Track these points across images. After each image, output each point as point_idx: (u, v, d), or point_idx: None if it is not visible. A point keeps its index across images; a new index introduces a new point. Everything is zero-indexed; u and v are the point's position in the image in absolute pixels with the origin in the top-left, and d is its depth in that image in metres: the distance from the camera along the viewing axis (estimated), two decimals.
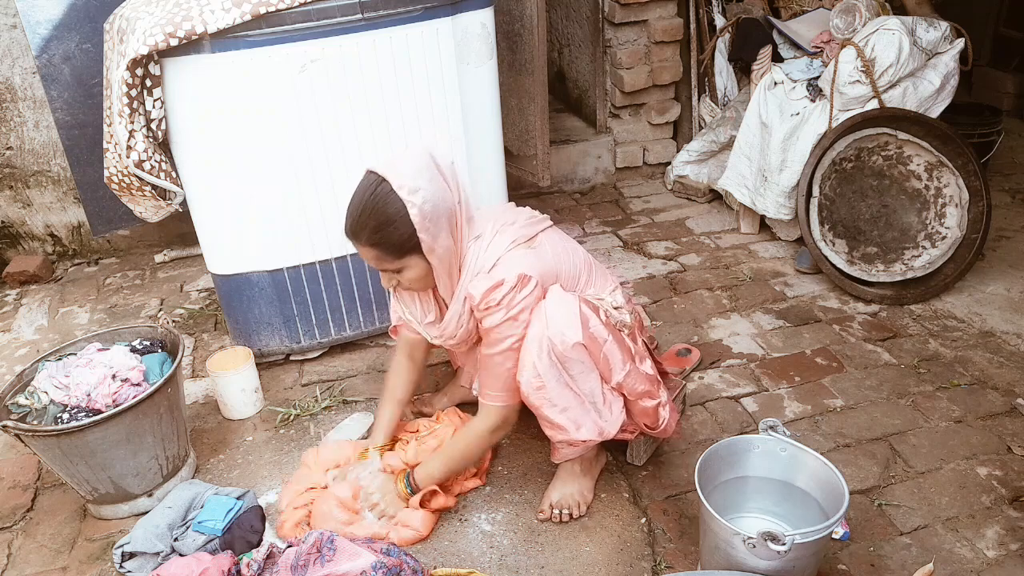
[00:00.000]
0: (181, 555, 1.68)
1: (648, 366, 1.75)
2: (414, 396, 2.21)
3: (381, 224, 1.55)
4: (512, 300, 1.60)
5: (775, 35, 3.10)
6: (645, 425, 1.78)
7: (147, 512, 1.83)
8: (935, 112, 2.71)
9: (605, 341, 1.64)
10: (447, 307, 1.76)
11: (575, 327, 1.59)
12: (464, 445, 1.79)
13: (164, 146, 2.11)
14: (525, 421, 2.12)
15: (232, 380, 2.19)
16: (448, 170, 1.61)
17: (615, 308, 1.75)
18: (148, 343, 2.03)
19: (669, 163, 3.59)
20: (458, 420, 2.03)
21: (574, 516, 1.80)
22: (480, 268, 1.64)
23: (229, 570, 1.57)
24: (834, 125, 2.71)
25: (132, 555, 1.70)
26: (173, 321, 2.77)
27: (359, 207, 1.58)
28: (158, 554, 1.69)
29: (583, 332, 1.59)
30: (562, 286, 1.69)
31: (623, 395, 1.72)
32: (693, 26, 3.44)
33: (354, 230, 1.60)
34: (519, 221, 1.72)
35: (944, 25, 2.72)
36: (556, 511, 1.79)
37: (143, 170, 2.05)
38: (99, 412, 1.78)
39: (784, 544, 1.36)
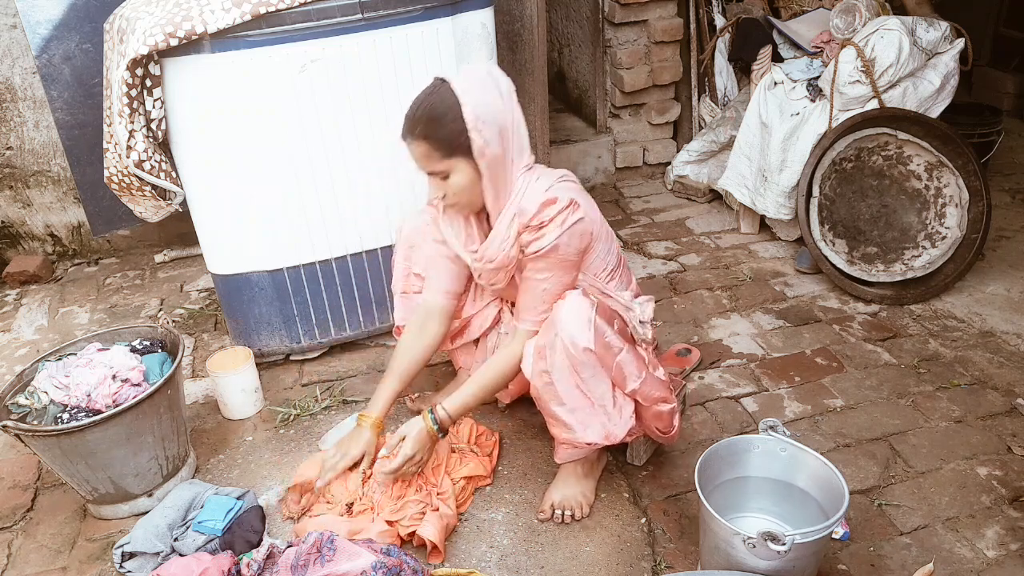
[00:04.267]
0: (181, 555, 1.68)
1: (661, 372, 1.76)
2: (414, 393, 2.22)
3: (434, 117, 1.59)
4: (565, 219, 1.62)
5: (775, 35, 3.10)
6: (657, 429, 1.77)
7: (147, 512, 1.83)
8: (935, 112, 2.71)
9: (620, 351, 1.64)
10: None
11: (586, 333, 1.59)
12: (497, 369, 1.77)
13: (164, 146, 2.11)
14: (526, 421, 2.12)
15: (232, 380, 2.19)
16: (507, 91, 1.64)
17: (641, 322, 1.75)
18: (148, 343, 2.03)
19: (669, 163, 3.59)
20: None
21: (575, 518, 1.79)
22: (535, 191, 1.65)
23: (229, 570, 1.57)
24: (834, 125, 2.71)
25: (132, 555, 1.70)
26: (173, 321, 2.77)
27: (417, 102, 1.63)
28: (158, 554, 1.69)
29: (596, 341, 1.59)
30: (595, 251, 1.71)
31: (635, 400, 1.72)
32: (693, 26, 3.44)
33: (410, 123, 1.63)
34: (565, 172, 1.75)
35: (944, 25, 2.72)
36: (558, 511, 1.79)
37: (143, 170, 2.05)
38: (99, 412, 1.78)
39: (784, 544, 1.36)
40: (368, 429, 1.88)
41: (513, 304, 2.02)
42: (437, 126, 1.59)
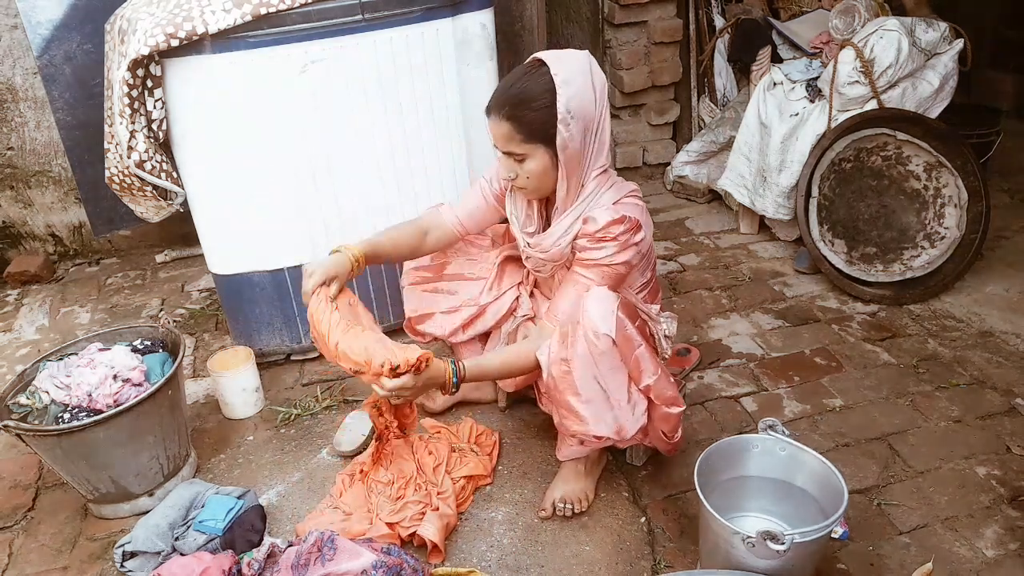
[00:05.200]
0: (182, 554, 1.69)
1: (672, 380, 1.76)
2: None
3: (526, 100, 1.58)
4: (628, 240, 1.64)
5: (774, 36, 3.10)
6: (663, 433, 1.77)
7: (148, 511, 1.84)
8: (934, 112, 2.71)
9: (640, 345, 1.65)
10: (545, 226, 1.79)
11: (610, 322, 1.59)
12: (524, 352, 1.74)
13: (165, 146, 2.11)
14: (526, 421, 2.13)
15: (233, 380, 2.19)
16: (600, 88, 1.63)
17: (665, 336, 1.78)
18: (149, 343, 2.04)
19: (669, 163, 3.59)
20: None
21: (575, 511, 1.80)
22: (604, 201, 1.67)
23: (230, 569, 1.57)
24: (833, 125, 2.71)
25: (133, 554, 1.71)
26: (174, 321, 2.78)
27: (512, 79, 1.62)
28: (159, 553, 1.70)
29: (617, 331, 1.60)
30: (639, 270, 1.75)
31: (649, 398, 1.72)
32: (693, 27, 3.45)
33: (500, 100, 1.62)
34: (634, 186, 1.76)
35: (943, 25, 2.72)
36: (560, 505, 1.80)
37: (144, 170, 2.06)
38: (100, 412, 1.79)
39: (783, 543, 1.36)
40: (343, 252, 1.75)
41: (535, 285, 2.03)
42: (526, 109, 1.58)
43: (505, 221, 1.93)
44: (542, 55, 1.62)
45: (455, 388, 1.72)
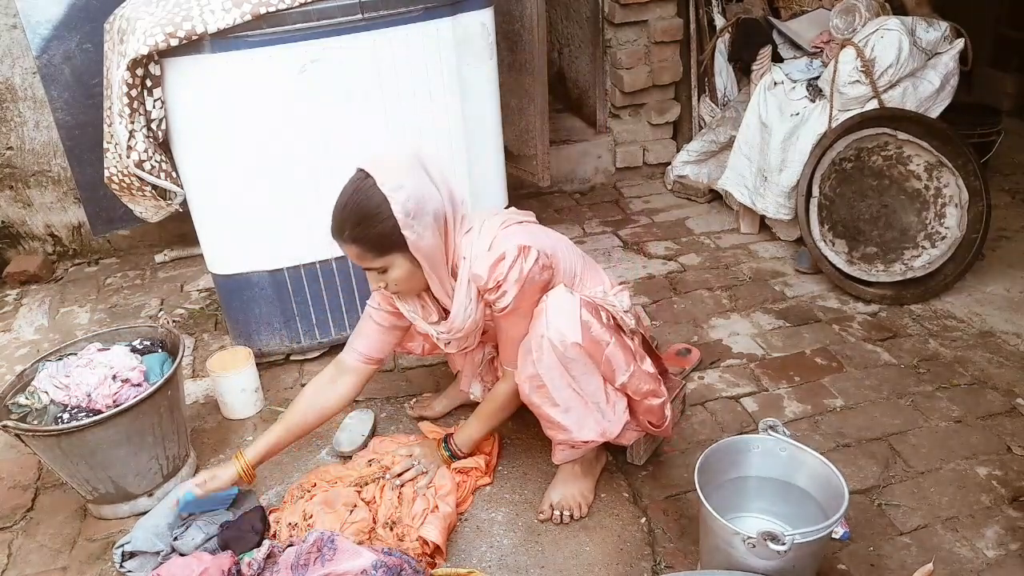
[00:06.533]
0: (181, 554, 1.69)
1: (648, 364, 1.75)
2: (413, 400, 2.22)
3: (363, 219, 1.54)
4: (521, 271, 1.59)
5: (775, 35, 3.10)
6: (650, 423, 1.78)
7: (147, 512, 1.83)
8: (935, 112, 2.71)
9: (608, 344, 1.63)
10: (444, 309, 1.75)
11: (575, 328, 1.58)
12: (496, 406, 1.82)
13: (164, 146, 2.11)
14: (526, 421, 2.12)
15: (232, 380, 2.19)
16: (436, 172, 1.60)
17: (624, 312, 1.74)
18: (148, 343, 2.04)
19: (669, 163, 3.59)
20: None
21: (574, 517, 1.80)
22: (478, 252, 1.63)
23: (229, 570, 1.57)
24: (834, 125, 2.71)
25: (132, 555, 1.70)
26: (173, 321, 2.77)
27: (343, 202, 1.57)
28: (158, 553, 1.69)
29: (584, 336, 1.59)
30: (561, 272, 1.70)
31: (627, 395, 1.72)
32: (693, 26, 3.44)
33: (338, 226, 1.58)
34: (505, 214, 1.74)
35: (944, 25, 2.72)
36: (556, 512, 1.79)
37: (143, 170, 2.06)
38: (99, 412, 1.78)
39: (784, 544, 1.36)
40: (235, 467, 1.78)
41: None
42: (366, 227, 1.54)
43: (409, 327, 1.88)
44: (365, 165, 1.58)
45: (453, 457, 1.90)
